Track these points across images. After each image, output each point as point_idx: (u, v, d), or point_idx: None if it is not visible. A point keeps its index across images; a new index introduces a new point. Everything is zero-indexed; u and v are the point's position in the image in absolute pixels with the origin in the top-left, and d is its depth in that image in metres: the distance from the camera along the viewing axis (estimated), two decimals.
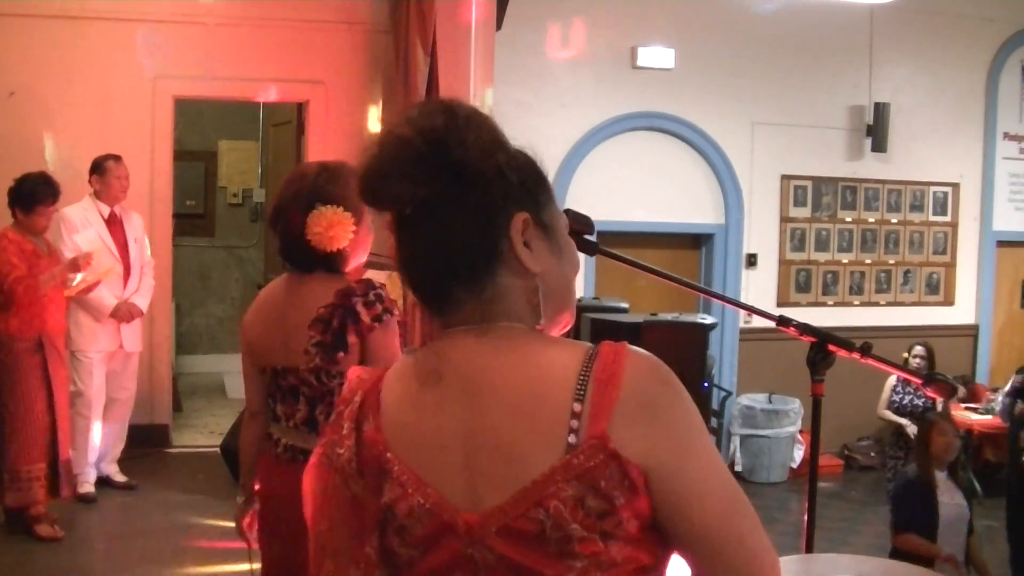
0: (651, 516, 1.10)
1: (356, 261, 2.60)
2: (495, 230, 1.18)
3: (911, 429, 6.55)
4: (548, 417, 1.11)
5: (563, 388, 1.11)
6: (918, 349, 6.89)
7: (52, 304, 5.11)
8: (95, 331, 5.68)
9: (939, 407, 6.45)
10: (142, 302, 5.84)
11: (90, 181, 5.71)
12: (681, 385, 1.14)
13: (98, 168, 5.71)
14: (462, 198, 1.16)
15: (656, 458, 1.08)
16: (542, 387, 1.12)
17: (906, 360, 6.77)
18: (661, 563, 1.13)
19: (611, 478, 1.07)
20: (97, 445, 5.75)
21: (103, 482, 5.84)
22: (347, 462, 1.21)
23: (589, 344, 1.16)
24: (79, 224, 5.61)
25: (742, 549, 1.11)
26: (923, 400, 6.74)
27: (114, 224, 5.75)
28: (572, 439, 1.08)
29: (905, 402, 6.87)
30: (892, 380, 6.92)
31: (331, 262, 2.52)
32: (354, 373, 1.31)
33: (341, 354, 2.41)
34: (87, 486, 5.65)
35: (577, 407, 1.09)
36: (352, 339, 2.40)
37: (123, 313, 5.73)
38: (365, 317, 2.40)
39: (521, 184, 1.20)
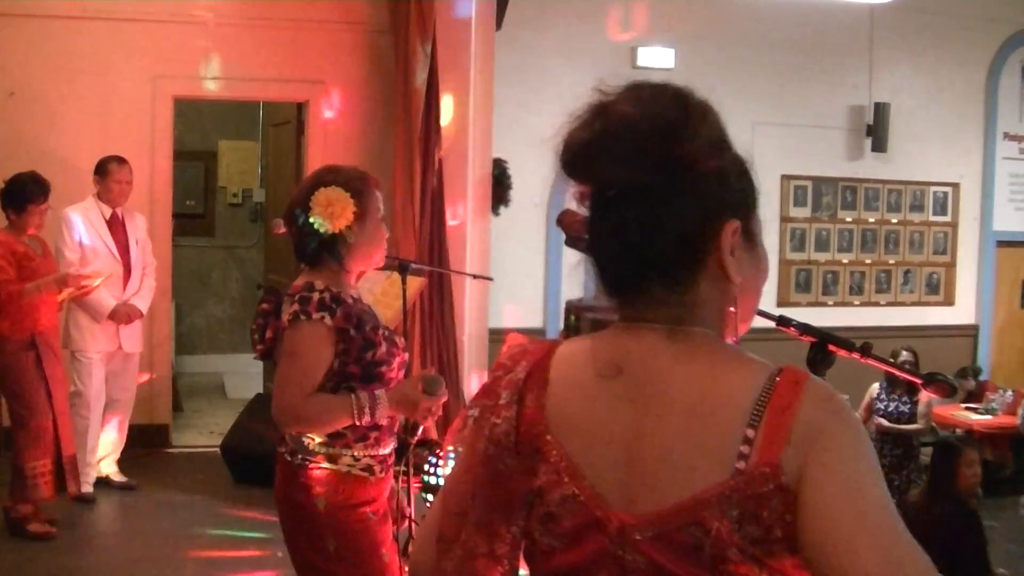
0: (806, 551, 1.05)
1: (366, 258, 2.60)
2: (707, 233, 1.12)
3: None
4: (719, 435, 1.07)
5: (739, 409, 1.08)
6: (905, 355, 6.77)
7: (44, 304, 5.09)
8: (94, 331, 5.67)
9: (921, 408, 6.33)
10: (142, 304, 5.83)
11: (94, 181, 5.70)
12: (854, 418, 1.10)
13: (100, 169, 5.70)
14: (679, 193, 1.11)
15: (808, 481, 1.04)
16: (718, 403, 1.09)
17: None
18: None
19: (774, 509, 1.04)
20: (95, 445, 5.74)
21: (103, 482, 5.84)
22: (504, 435, 1.18)
23: (772, 366, 1.12)
24: (81, 224, 5.60)
25: None
26: (908, 407, 6.35)
27: (115, 225, 5.74)
28: (741, 464, 1.05)
29: (891, 409, 6.42)
30: (875, 387, 6.52)
31: (335, 251, 2.52)
32: (516, 340, 1.28)
33: (260, 347, 2.55)
34: (86, 486, 5.65)
35: (750, 432, 1.06)
36: (269, 334, 2.53)
37: (122, 315, 5.71)
38: (285, 315, 2.46)
39: (739, 189, 1.17)
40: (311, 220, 2.48)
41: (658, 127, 1.11)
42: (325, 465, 2.50)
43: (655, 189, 1.11)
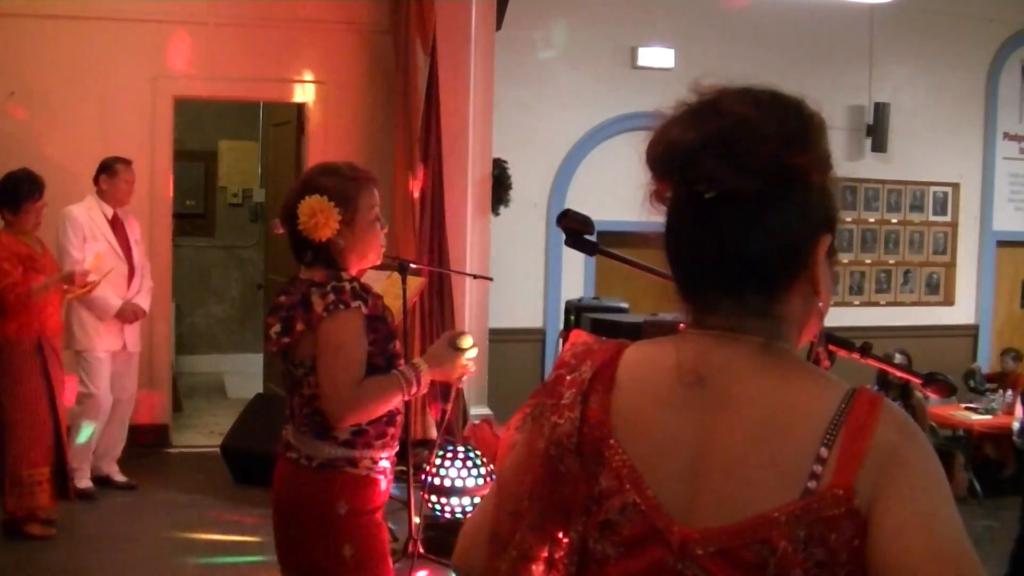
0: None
1: (360, 259, 2.59)
2: (806, 246, 1.10)
3: None
4: (792, 454, 1.05)
5: (813, 428, 1.05)
6: (899, 357, 6.73)
7: (50, 305, 5.06)
8: (99, 330, 5.67)
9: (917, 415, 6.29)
10: (144, 303, 5.85)
11: (98, 180, 5.69)
12: (928, 443, 1.08)
13: (108, 169, 5.70)
14: (788, 203, 1.08)
15: (880, 505, 1.02)
16: (792, 420, 1.06)
17: None
18: None
19: (843, 532, 1.02)
20: (97, 444, 5.74)
21: (103, 482, 5.84)
22: (566, 436, 1.14)
23: (846, 385, 1.09)
24: (85, 223, 5.59)
25: None
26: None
27: (116, 225, 5.75)
28: (812, 484, 1.03)
29: None
30: None
31: (328, 255, 2.51)
32: (579, 337, 1.24)
33: (286, 340, 2.44)
34: (85, 481, 5.65)
35: (824, 452, 1.03)
36: (299, 327, 2.42)
37: (128, 313, 5.73)
38: (317, 307, 2.40)
39: (833, 205, 1.14)
40: (299, 229, 2.49)
41: (781, 133, 1.08)
42: (348, 469, 2.46)
43: (766, 195, 1.07)
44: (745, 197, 1.07)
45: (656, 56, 7.53)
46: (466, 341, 2.61)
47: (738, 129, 1.09)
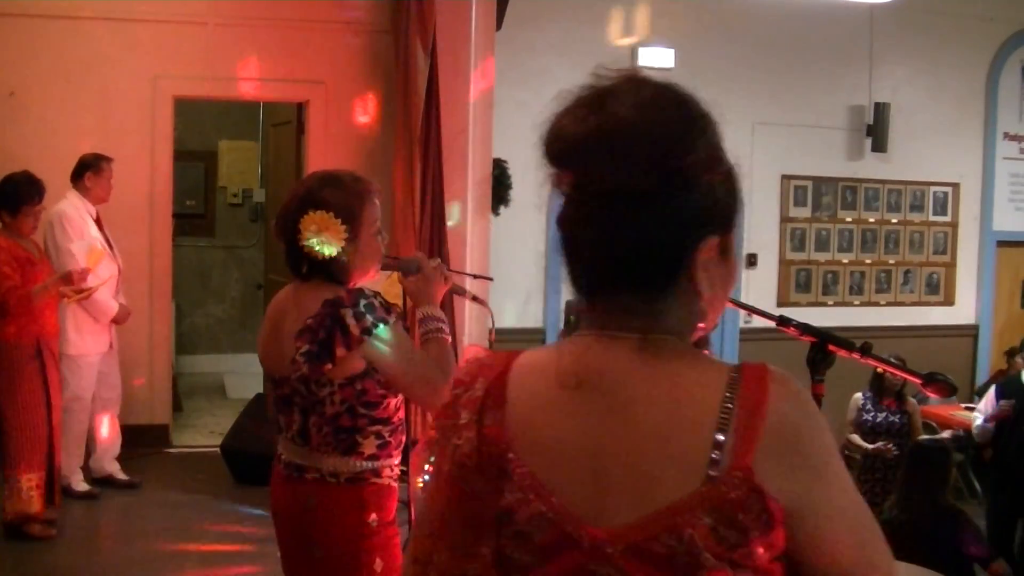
0: (783, 548, 1.06)
1: (363, 274, 2.53)
2: (686, 246, 1.10)
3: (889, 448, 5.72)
4: (688, 443, 1.06)
5: (706, 414, 1.06)
6: (892, 362, 6.60)
7: (47, 308, 5.04)
8: (93, 332, 5.65)
9: (917, 421, 6.01)
10: (124, 302, 5.84)
11: (83, 177, 5.60)
12: (819, 411, 1.10)
13: (94, 166, 5.62)
14: (667, 204, 1.08)
15: (798, 494, 1.05)
16: (685, 411, 1.08)
17: (879, 372, 5.74)
18: None
19: (750, 511, 1.03)
20: (83, 448, 5.72)
21: (106, 481, 5.84)
22: (466, 456, 1.16)
23: (731, 365, 1.11)
24: (80, 222, 5.55)
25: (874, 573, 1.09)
26: (899, 416, 5.82)
27: (100, 224, 5.72)
28: (713, 471, 1.04)
29: (879, 420, 5.83)
30: (859, 397, 5.95)
31: (330, 270, 2.45)
32: (473, 353, 1.26)
33: (328, 365, 2.35)
34: (82, 484, 5.64)
35: (720, 437, 1.05)
36: (340, 351, 2.34)
37: (121, 316, 5.74)
38: (354, 330, 2.33)
39: (724, 205, 1.14)
40: (301, 244, 2.41)
41: (658, 136, 1.08)
42: (374, 480, 2.42)
43: (645, 195, 1.07)
44: (621, 196, 1.08)
45: (656, 56, 7.53)
46: (413, 264, 2.63)
47: (615, 129, 1.08)
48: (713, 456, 1.04)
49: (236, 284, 9.78)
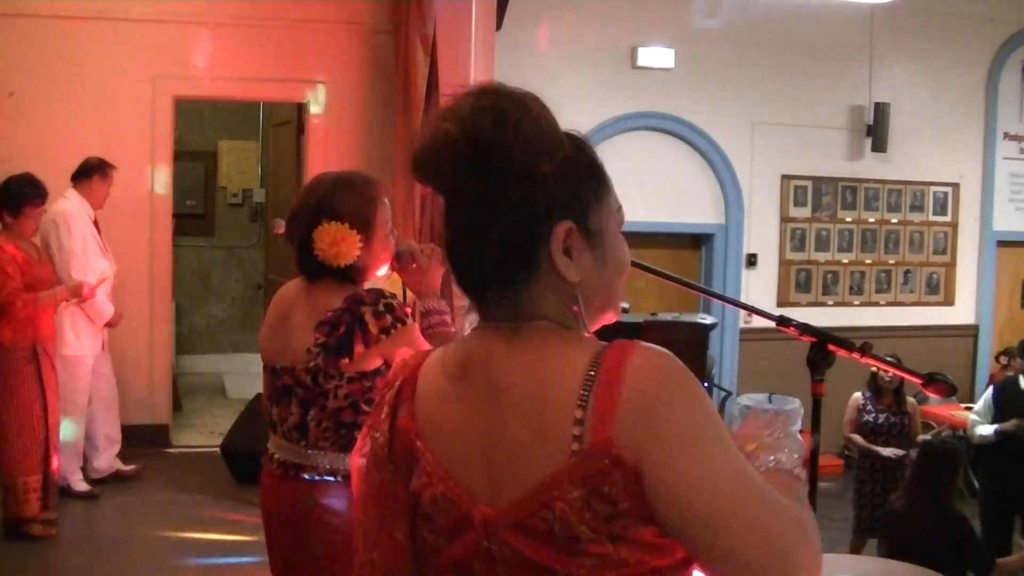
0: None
1: (375, 274, 2.55)
2: (533, 238, 1.16)
3: (889, 452, 5.65)
4: (552, 421, 1.11)
5: (568, 392, 1.11)
6: (892, 361, 6.59)
7: (44, 310, 5.03)
8: (89, 334, 5.66)
9: (917, 423, 5.97)
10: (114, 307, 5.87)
11: (89, 180, 5.63)
12: (686, 380, 1.10)
13: (100, 170, 5.66)
14: (501, 202, 1.15)
15: (656, 465, 1.06)
16: (549, 390, 1.13)
17: (875, 373, 5.74)
18: (681, 567, 1.12)
19: (615, 483, 1.07)
20: (81, 449, 5.73)
21: (113, 477, 5.89)
22: (380, 447, 1.26)
23: (600, 344, 1.15)
24: (83, 224, 5.55)
25: (749, 541, 1.05)
26: (900, 417, 5.75)
27: (97, 227, 5.75)
28: (576, 446, 1.09)
29: (880, 421, 5.74)
30: (858, 397, 5.86)
31: (343, 274, 2.46)
32: (399, 356, 1.36)
33: (345, 360, 2.37)
34: (82, 484, 5.64)
35: (580, 414, 1.09)
36: (359, 349, 2.37)
37: (116, 318, 5.77)
38: (373, 328, 2.37)
39: (569, 191, 1.18)
40: (315, 252, 2.42)
41: (473, 143, 1.13)
42: None
43: (480, 199, 1.15)
44: (458, 203, 1.18)
45: (656, 56, 7.54)
46: (406, 253, 2.61)
47: (441, 142, 1.15)
48: (575, 432, 1.09)
49: (236, 284, 9.78)
